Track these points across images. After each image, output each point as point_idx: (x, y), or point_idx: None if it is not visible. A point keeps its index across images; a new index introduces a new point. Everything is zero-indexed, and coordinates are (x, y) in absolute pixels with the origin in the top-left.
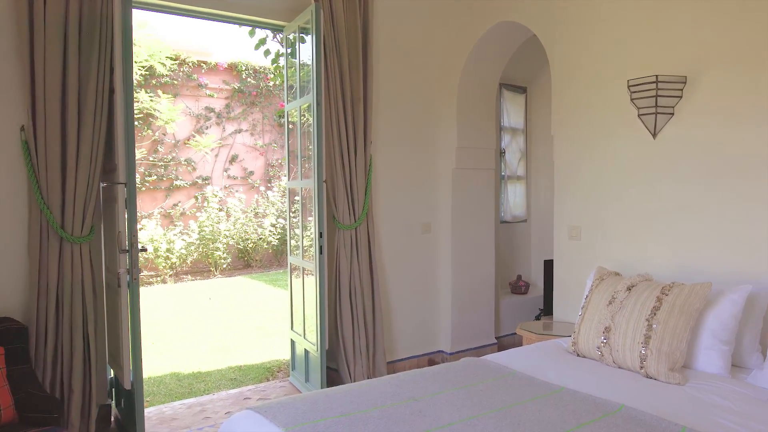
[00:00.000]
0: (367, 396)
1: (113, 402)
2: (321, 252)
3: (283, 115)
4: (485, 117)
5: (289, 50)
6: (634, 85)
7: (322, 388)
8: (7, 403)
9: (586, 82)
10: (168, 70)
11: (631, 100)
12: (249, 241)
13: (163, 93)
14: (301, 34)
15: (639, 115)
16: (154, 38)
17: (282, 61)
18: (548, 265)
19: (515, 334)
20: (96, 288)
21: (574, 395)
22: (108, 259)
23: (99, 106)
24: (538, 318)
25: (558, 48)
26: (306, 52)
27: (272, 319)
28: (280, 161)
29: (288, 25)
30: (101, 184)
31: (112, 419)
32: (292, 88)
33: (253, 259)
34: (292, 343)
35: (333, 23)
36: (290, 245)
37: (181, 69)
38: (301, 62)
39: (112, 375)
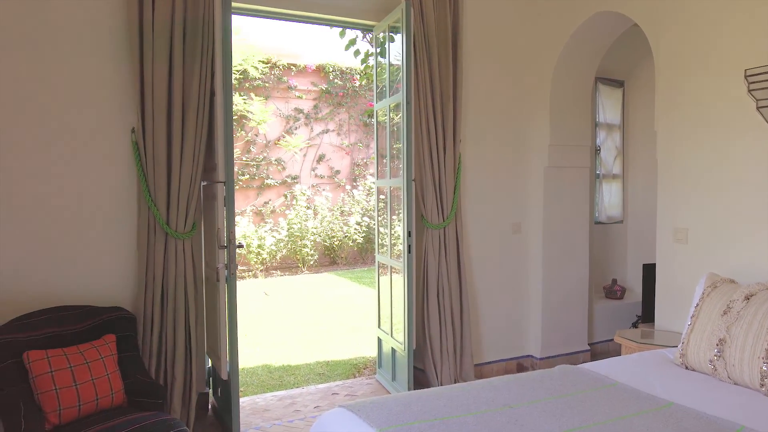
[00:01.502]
0: (461, 400)
1: (210, 390)
2: (409, 251)
3: (372, 115)
4: (580, 113)
5: (378, 50)
6: (753, 75)
7: (409, 388)
8: (118, 387)
9: (696, 72)
10: (260, 74)
11: (749, 91)
12: (335, 239)
13: (256, 95)
14: (390, 33)
15: (758, 108)
16: (247, 43)
17: (371, 61)
18: (648, 270)
19: (610, 340)
20: (197, 282)
21: (686, 412)
22: (207, 254)
23: (201, 109)
24: (635, 325)
25: (663, 37)
26: (395, 51)
27: (358, 315)
28: (365, 160)
29: (378, 24)
30: (202, 183)
31: (209, 407)
32: (380, 87)
33: (338, 256)
34: (379, 341)
35: (423, 21)
36: (378, 243)
37: (272, 72)
38: (390, 61)
39: (210, 365)
